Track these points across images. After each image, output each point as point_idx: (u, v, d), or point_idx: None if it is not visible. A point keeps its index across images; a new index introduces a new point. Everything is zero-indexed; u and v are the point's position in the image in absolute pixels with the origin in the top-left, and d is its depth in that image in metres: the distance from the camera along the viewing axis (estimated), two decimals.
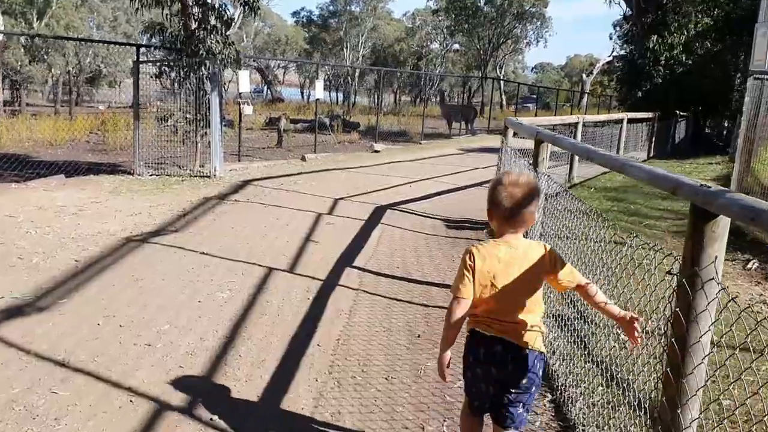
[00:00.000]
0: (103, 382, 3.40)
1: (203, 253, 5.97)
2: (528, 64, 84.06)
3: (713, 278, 1.87)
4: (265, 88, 61.37)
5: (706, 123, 22.55)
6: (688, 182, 2.05)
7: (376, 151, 16.43)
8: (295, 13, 68.00)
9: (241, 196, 9.01)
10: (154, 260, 5.72)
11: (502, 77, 57.13)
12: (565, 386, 3.36)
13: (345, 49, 61.02)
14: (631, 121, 13.40)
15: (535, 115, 30.61)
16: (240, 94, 12.73)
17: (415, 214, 8.35)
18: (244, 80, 12.61)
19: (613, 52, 72.24)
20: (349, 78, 60.91)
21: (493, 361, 2.28)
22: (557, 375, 3.53)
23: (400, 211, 8.48)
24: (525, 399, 2.33)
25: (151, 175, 10.39)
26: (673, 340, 2.00)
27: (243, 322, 4.34)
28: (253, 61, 62.21)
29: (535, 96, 55.58)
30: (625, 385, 3.11)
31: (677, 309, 1.98)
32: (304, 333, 4.19)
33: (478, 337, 2.31)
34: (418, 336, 4.22)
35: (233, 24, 28.40)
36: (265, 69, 61.27)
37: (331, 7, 63.95)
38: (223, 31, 10.51)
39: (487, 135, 23.95)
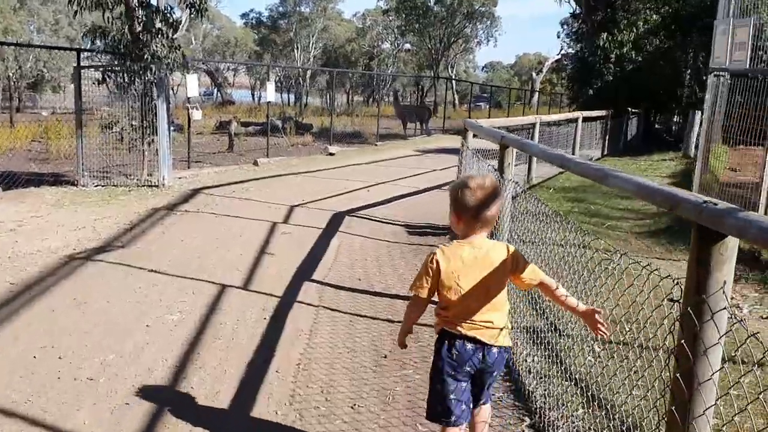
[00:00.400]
0: (39, 427, 3.06)
1: (152, 270, 5.61)
2: (479, 63, 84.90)
3: (725, 307, 1.66)
4: (215, 90, 60.43)
5: (656, 119, 22.89)
6: (688, 197, 1.84)
7: (331, 154, 16.14)
8: (244, 15, 67.22)
9: (191, 206, 8.62)
10: (99, 280, 5.34)
11: (453, 77, 57.29)
12: (544, 409, 3.15)
13: (296, 50, 60.47)
14: (585, 119, 13.42)
15: (489, 115, 30.73)
16: (188, 98, 12.31)
17: (375, 220, 8.10)
18: (193, 84, 12.19)
19: (561, 50, 73.42)
20: (300, 79, 60.36)
21: (465, 359, 2.33)
22: (535, 397, 3.31)
23: (359, 217, 8.22)
24: (490, 387, 2.55)
25: (96, 186, 9.90)
26: (678, 375, 1.78)
27: (195, 347, 4.02)
28: (203, 63, 61.30)
29: (486, 95, 55.95)
30: (608, 407, 2.92)
31: (682, 341, 1.77)
32: (261, 358, 3.89)
33: (448, 337, 2.36)
34: (385, 356, 3.96)
35: (180, 26, 27.73)
36: (215, 71, 60.28)
37: (280, 8, 63.31)
38: (170, 35, 10.09)
39: (443, 135, 23.87)
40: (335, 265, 5.97)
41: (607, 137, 15.69)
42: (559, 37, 76.04)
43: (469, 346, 2.31)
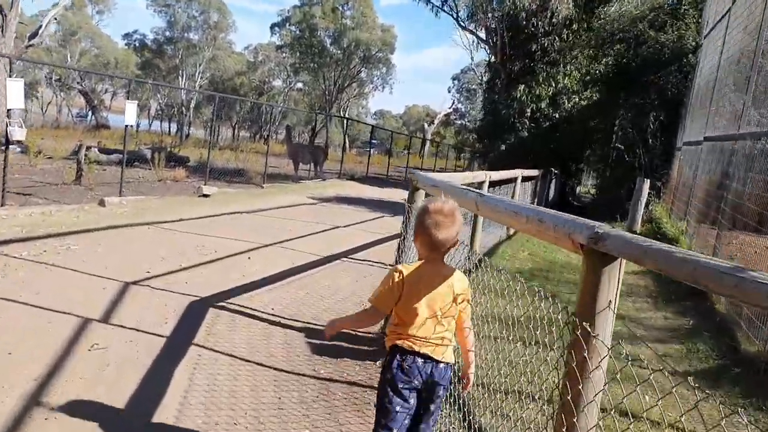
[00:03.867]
0: None
1: None
2: (371, 109, 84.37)
3: None
4: (90, 113, 55.60)
5: (568, 182, 21.35)
6: None
7: (205, 195, 13.00)
8: (126, 35, 62.38)
9: None
10: None
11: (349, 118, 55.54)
12: None
13: (180, 78, 56.87)
14: (524, 179, 11.24)
15: (389, 162, 28.65)
16: (8, 111, 8.88)
17: (257, 316, 5.15)
18: (15, 93, 8.81)
19: (453, 104, 74.27)
20: (183, 108, 56.56)
21: (415, 374, 2.41)
22: None
23: (232, 310, 5.23)
24: (438, 407, 2.54)
25: None
26: None
27: None
28: (78, 83, 55.92)
29: (376, 141, 54.23)
30: None
31: None
32: None
33: (400, 352, 2.43)
34: None
35: (40, 31, 23.79)
36: (90, 93, 55.39)
37: (167, 33, 59.40)
38: None
39: (338, 180, 21.18)
40: None
41: (536, 200, 13.66)
42: (450, 91, 77.02)
43: (420, 361, 2.41)
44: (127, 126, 11.57)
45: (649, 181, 12.01)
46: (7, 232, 7.11)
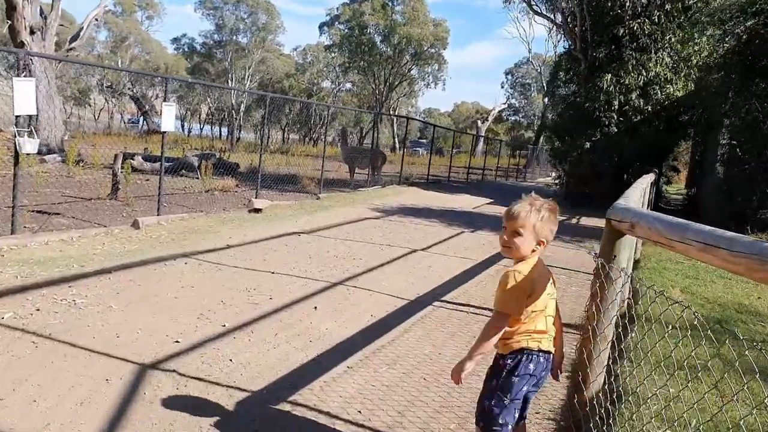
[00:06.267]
0: None
1: None
2: (420, 108, 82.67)
3: None
4: (141, 118, 55.49)
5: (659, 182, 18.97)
6: None
7: (257, 210, 11.26)
8: (175, 40, 62.10)
9: None
10: None
11: (405, 116, 53.76)
12: None
13: (230, 81, 56.18)
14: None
15: (450, 162, 26.59)
16: (16, 119, 7.25)
17: (339, 430, 3.30)
18: (25, 97, 7.18)
19: (507, 99, 71.74)
20: (233, 111, 55.80)
21: (541, 370, 2.42)
22: None
23: (299, 417, 3.36)
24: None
25: None
26: None
27: None
28: (129, 89, 55.69)
29: (424, 140, 51.85)
30: None
31: None
32: None
33: (528, 353, 2.40)
34: None
35: (81, 33, 22.61)
36: (142, 98, 55.15)
37: (216, 36, 58.85)
38: None
39: (398, 186, 19.28)
40: None
41: (649, 207, 11.59)
42: (503, 86, 74.33)
43: (542, 357, 2.42)
44: (164, 133, 9.85)
45: None
46: (5, 274, 5.40)
